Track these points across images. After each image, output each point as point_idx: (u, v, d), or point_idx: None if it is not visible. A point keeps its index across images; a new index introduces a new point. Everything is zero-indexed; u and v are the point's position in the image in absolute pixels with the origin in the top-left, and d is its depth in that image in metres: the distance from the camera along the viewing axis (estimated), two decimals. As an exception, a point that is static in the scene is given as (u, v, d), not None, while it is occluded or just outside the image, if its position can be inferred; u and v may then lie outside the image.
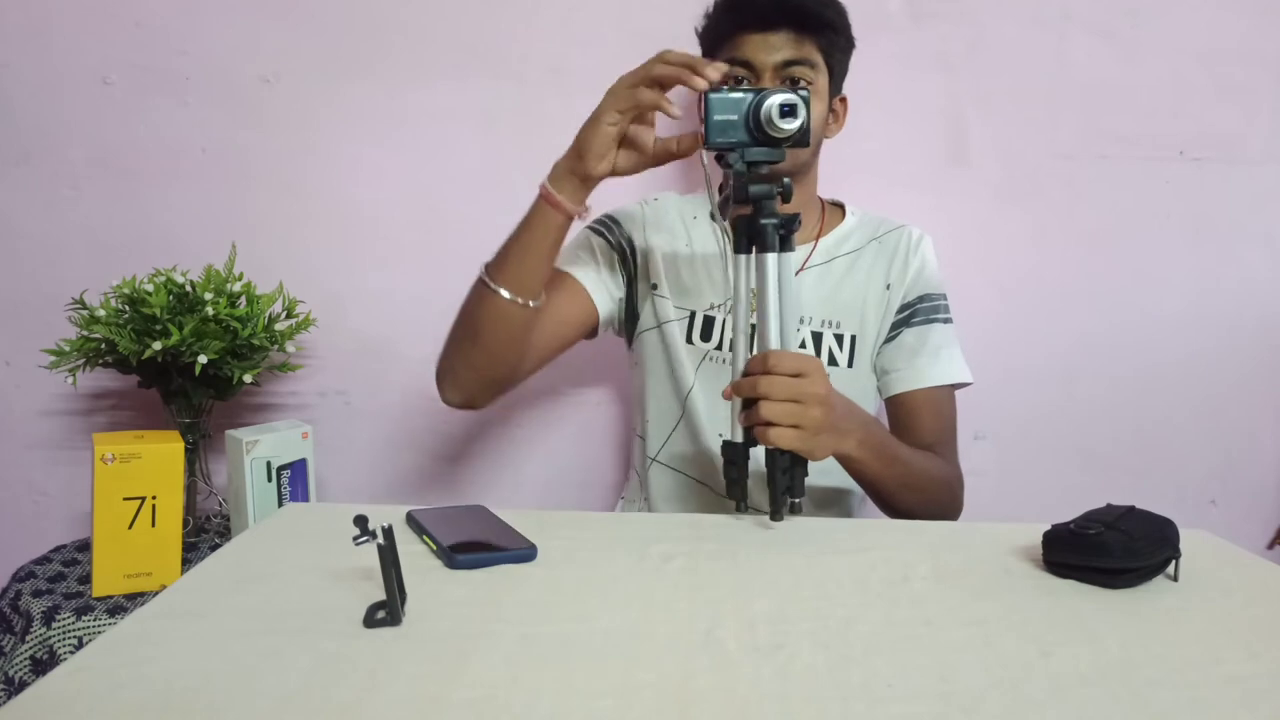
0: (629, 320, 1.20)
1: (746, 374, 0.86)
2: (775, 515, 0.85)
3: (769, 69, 1.04)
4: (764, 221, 0.86)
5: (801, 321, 1.14)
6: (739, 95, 0.86)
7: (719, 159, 0.89)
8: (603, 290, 1.15)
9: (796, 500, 0.86)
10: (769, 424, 0.82)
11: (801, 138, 0.86)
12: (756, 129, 0.86)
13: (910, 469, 1.00)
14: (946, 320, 1.16)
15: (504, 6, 1.42)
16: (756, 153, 0.87)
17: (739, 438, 0.87)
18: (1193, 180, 1.45)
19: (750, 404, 0.84)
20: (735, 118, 0.86)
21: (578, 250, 1.15)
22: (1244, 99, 1.43)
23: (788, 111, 0.84)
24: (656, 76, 0.85)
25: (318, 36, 1.43)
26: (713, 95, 0.85)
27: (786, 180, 0.87)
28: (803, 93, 0.85)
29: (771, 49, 1.04)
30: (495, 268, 0.97)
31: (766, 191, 0.86)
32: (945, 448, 1.13)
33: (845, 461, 0.94)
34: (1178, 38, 1.42)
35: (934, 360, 1.13)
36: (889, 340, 1.15)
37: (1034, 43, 1.43)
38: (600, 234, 1.17)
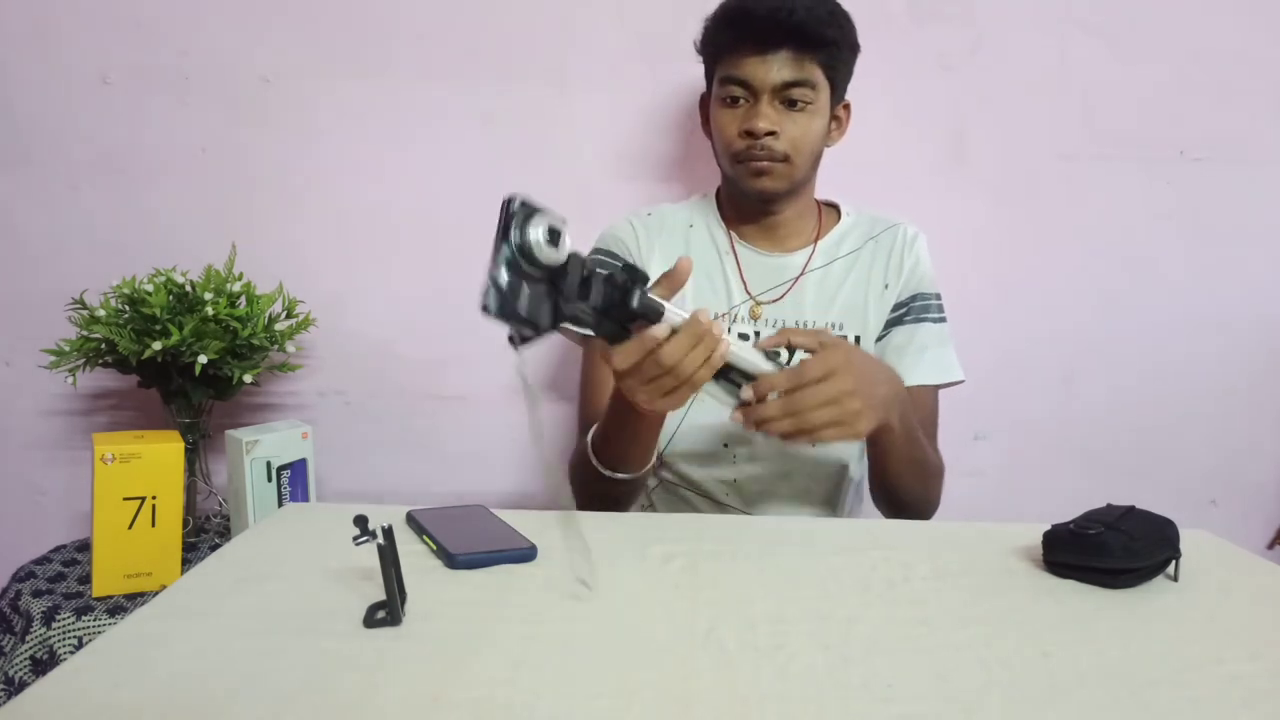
0: None
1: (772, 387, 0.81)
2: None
3: (767, 89, 1.04)
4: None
5: (803, 325, 1.14)
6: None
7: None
8: None
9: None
10: (811, 431, 0.81)
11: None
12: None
13: (920, 448, 1.02)
14: (938, 320, 1.16)
15: (504, 6, 1.42)
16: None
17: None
18: (1193, 180, 1.45)
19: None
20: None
21: None
22: (1244, 99, 1.43)
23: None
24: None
25: (318, 36, 1.43)
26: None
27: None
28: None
29: (770, 69, 1.03)
30: (603, 454, 0.96)
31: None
32: (928, 441, 1.13)
33: (882, 432, 0.91)
34: (1178, 38, 1.42)
35: (918, 360, 1.13)
36: (880, 338, 1.15)
37: (1034, 43, 1.43)
38: None
